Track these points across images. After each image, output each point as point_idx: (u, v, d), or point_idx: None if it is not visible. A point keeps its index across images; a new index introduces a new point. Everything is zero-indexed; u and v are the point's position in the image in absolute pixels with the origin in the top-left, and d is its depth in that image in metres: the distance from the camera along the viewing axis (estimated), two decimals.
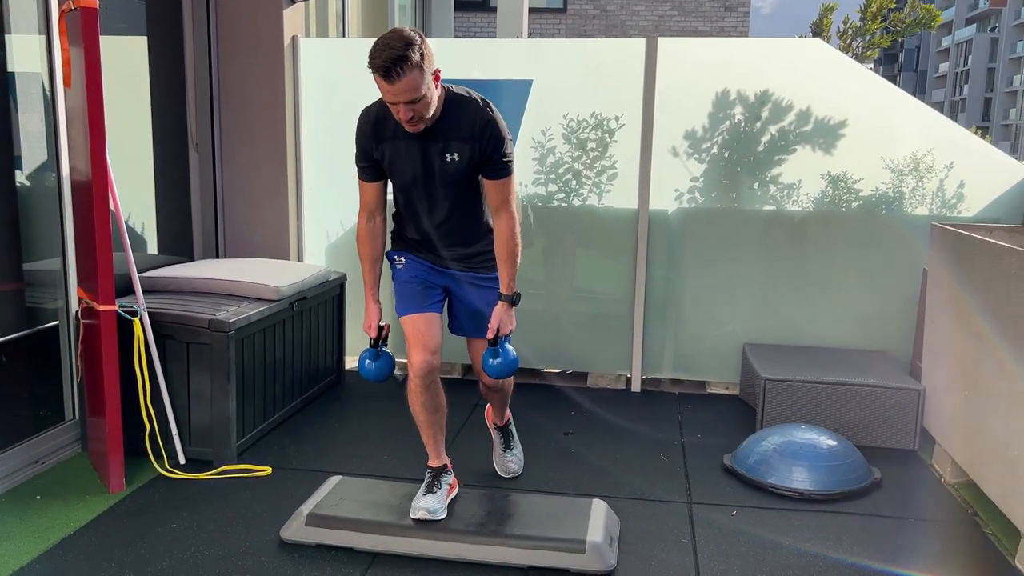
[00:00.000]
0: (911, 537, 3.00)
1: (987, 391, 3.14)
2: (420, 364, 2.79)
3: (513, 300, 2.81)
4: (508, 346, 2.81)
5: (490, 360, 2.81)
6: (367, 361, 2.90)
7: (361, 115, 2.77)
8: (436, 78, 2.52)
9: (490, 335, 2.80)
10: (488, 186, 2.72)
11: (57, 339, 3.60)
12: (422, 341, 2.80)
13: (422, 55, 2.43)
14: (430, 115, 2.56)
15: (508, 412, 3.37)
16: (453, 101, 2.63)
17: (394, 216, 2.95)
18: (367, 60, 2.46)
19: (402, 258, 2.92)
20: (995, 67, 64.10)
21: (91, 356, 3.28)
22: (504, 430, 3.39)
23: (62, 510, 3.06)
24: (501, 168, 2.69)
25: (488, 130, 2.62)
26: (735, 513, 3.17)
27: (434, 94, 2.53)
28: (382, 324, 2.90)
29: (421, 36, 2.47)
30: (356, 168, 2.81)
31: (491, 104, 2.67)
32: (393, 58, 2.38)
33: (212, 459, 3.49)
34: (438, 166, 2.67)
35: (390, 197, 2.90)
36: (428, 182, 2.71)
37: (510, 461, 3.41)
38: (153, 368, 3.42)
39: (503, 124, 2.66)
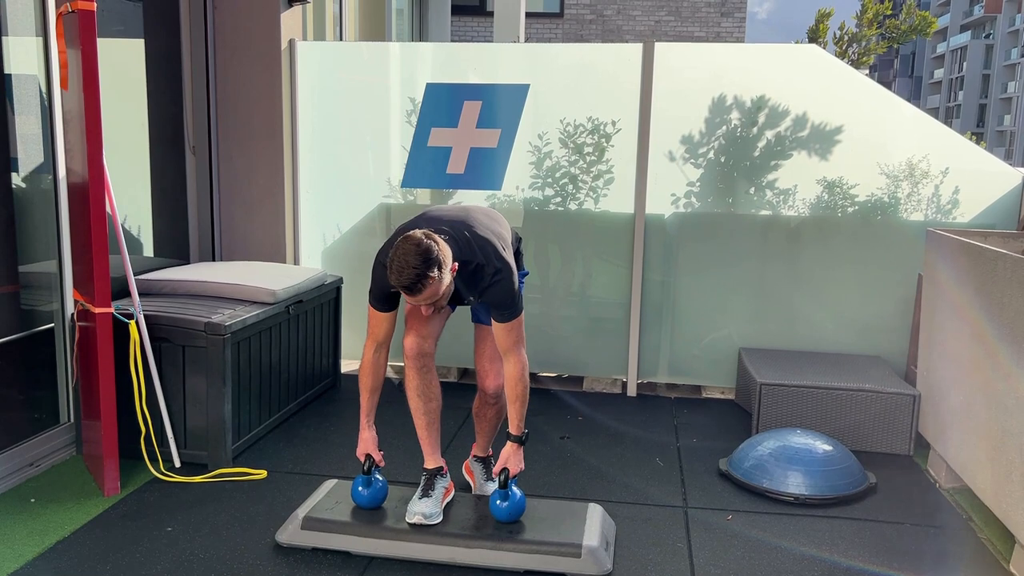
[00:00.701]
0: (906, 542, 3.01)
1: (982, 396, 3.15)
2: (411, 345, 2.86)
3: (522, 441, 2.85)
4: (515, 488, 2.83)
5: (497, 502, 2.82)
6: (360, 487, 2.90)
7: (379, 262, 2.82)
8: (453, 270, 2.62)
9: (496, 471, 2.85)
10: (497, 329, 2.79)
11: (52, 342, 3.59)
12: (416, 324, 2.88)
13: (439, 267, 2.52)
14: (447, 298, 2.69)
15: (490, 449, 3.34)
16: (465, 267, 2.72)
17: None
18: (389, 273, 2.55)
19: None
20: (990, 74, 64.35)
21: (86, 359, 3.27)
22: (487, 460, 3.30)
23: (57, 513, 3.05)
24: (508, 312, 2.75)
25: (496, 286, 2.72)
26: (731, 517, 3.17)
27: (451, 288, 2.65)
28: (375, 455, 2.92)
29: (436, 242, 2.55)
30: (370, 296, 2.87)
31: (498, 253, 2.73)
32: (414, 278, 2.49)
33: (207, 462, 3.48)
34: (459, 303, 2.93)
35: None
36: (449, 309, 2.99)
37: (495, 486, 3.29)
38: (149, 371, 3.41)
39: (511, 274, 2.73)
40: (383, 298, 2.84)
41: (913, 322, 4.29)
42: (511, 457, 2.84)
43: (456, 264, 2.65)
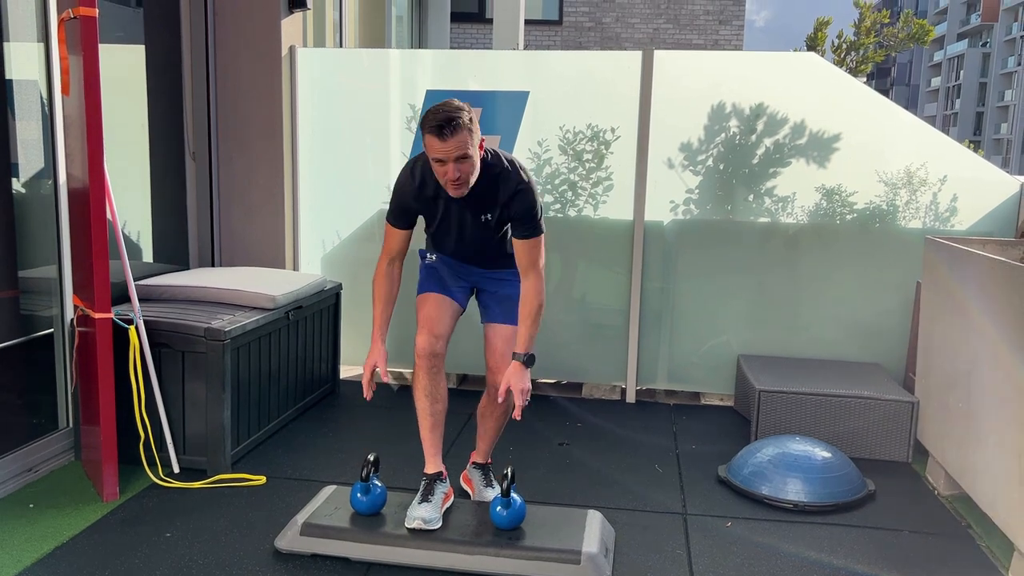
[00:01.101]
0: (905, 550, 3.01)
1: (981, 404, 3.15)
2: (423, 344, 2.85)
3: (527, 361, 2.84)
4: (515, 495, 2.82)
5: (497, 508, 2.81)
6: (358, 494, 2.89)
7: (404, 172, 2.88)
8: (480, 146, 2.69)
9: (500, 396, 2.82)
10: (517, 246, 2.83)
11: (52, 347, 3.59)
12: (429, 324, 2.88)
13: (471, 120, 2.61)
14: (473, 180, 2.69)
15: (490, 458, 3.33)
16: (490, 168, 2.76)
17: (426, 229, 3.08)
18: (419, 124, 2.64)
19: (434, 255, 3.05)
20: (986, 82, 64.58)
21: (86, 364, 3.27)
22: (485, 467, 3.29)
23: (55, 519, 3.05)
24: (530, 229, 2.80)
25: (520, 196, 2.76)
26: (730, 524, 3.17)
27: (478, 159, 2.68)
28: (372, 457, 2.91)
29: (470, 107, 2.66)
30: (388, 211, 2.93)
31: (524, 169, 2.81)
32: (446, 118, 2.56)
33: (206, 468, 3.48)
34: (473, 224, 2.86)
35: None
36: (462, 234, 2.90)
37: (494, 492, 3.25)
38: (148, 376, 3.41)
39: (535, 189, 2.80)
40: (401, 213, 2.89)
41: (912, 329, 4.30)
42: (514, 375, 2.80)
43: (483, 143, 2.71)
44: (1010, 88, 60.88)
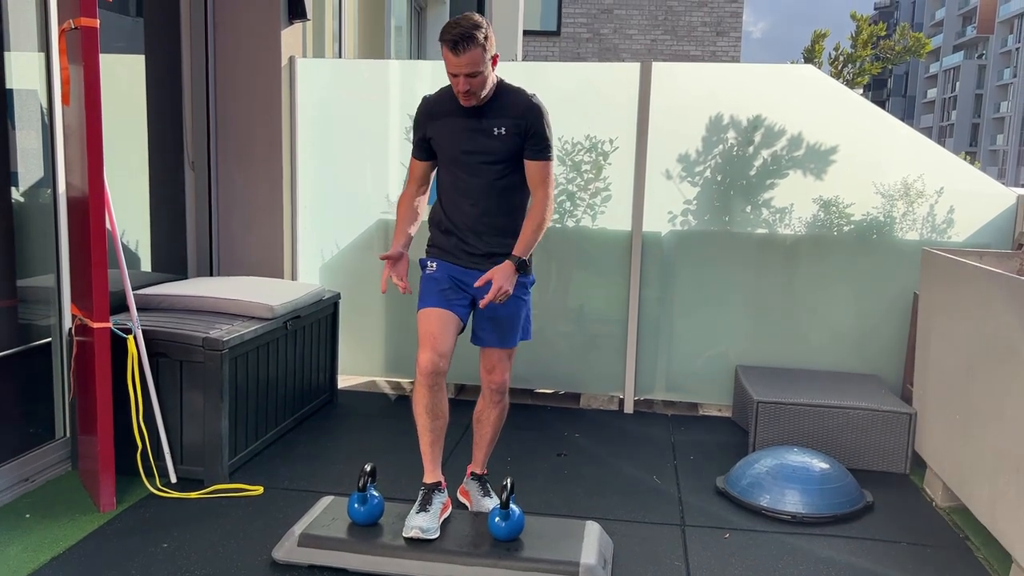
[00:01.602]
0: (903, 561, 3.01)
1: (978, 415, 3.16)
2: (426, 363, 2.83)
3: (519, 265, 2.86)
4: (514, 506, 2.82)
5: (496, 520, 2.80)
6: (356, 504, 2.88)
7: (421, 100, 3.02)
8: (494, 62, 2.82)
9: (480, 282, 2.82)
10: (529, 167, 2.91)
11: (50, 356, 3.59)
12: (432, 341, 2.86)
13: (486, 38, 2.73)
14: (484, 93, 2.81)
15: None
16: (505, 87, 2.91)
17: (431, 218, 3.09)
18: (439, 34, 2.74)
19: (434, 264, 3.04)
20: (982, 93, 64.86)
21: (84, 373, 3.27)
22: (483, 478, 3.27)
23: (52, 529, 3.04)
24: (541, 149, 2.89)
25: (532, 112, 2.86)
26: (728, 536, 3.17)
27: (490, 75, 2.81)
28: (369, 467, 2.90)
29: (487, 23, 2.78)
30: (413, 146, 3.07)
31: (539, 98, 2.92)
32: (461, 34, 2.68)
33: (204, 478, 3.47)
34: (485, 137, 2.89)
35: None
36: (472, 153, 2.90)
37: (492, 502, 3.24)
38: (146, 386, 3.41)
39: (547, 114, 2.90)
40: (420, 141, 3.00)
41: (909, 340, 4.31)
42: (501, 271, 2.81)
43: (498, 78, 2.84)
44: (1006, 100, 61.14)
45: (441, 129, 2.93)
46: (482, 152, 2.88)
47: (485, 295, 2.85)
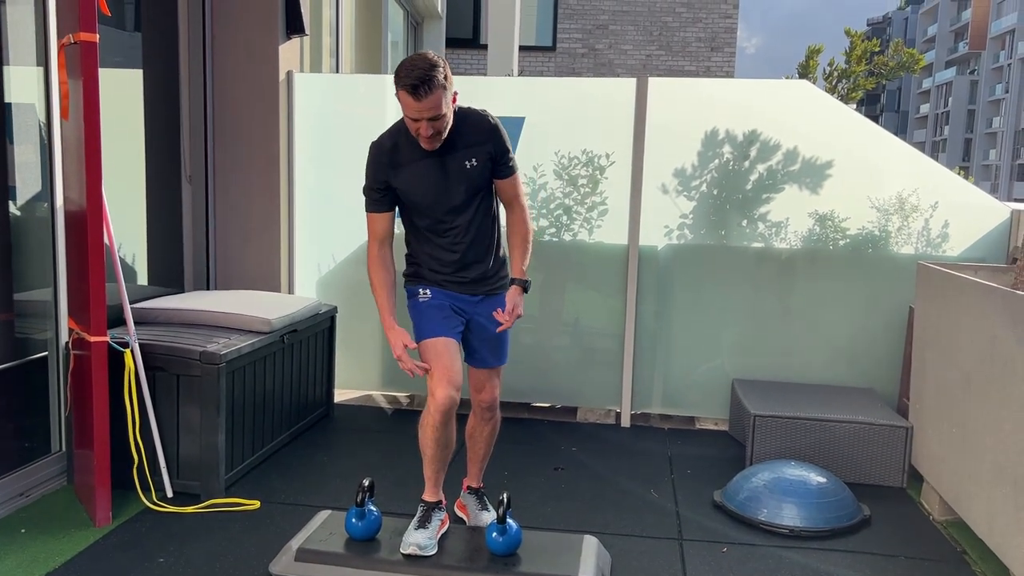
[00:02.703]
0: (901, 575, 3.00)
1: (974, 429, 3.16)
2: (444, 400, 2.74)
3: (525, 286, 2.91)
4: (511, 521, 2.81)
5: (493, 535, 2.79)
6: (353, 519, 2.86)
7: (372, 147, 2.87)
8: (454, 100, 2.72)
9: (505, 316, 2.86)
10: (500, 185, 2.91)
11: (46, 370, 3.58)
12: (448, 375, 2.76)
13: (445, 77, 2.60)
14: (445, 134, 2.71)
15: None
16: (459, 115, 2.79)
17: (407, 256, 3.00)
18: (394, 78, 2.60)
19: (426, 291, 2.94)
20: (975, 109, 65.29)
21: (81, 387, 3.26)
22: (479, 492, 3.25)
23: (47, 544, 3.02)
24: (508, 167, 2.88)
25: (496, 134, 2.83)
26: (725, 550, 3.16)
27: (451, 114, 2.71)
28: (367, 482, 2.90)
29: (444, 60, 2.65)
30: (366, 200, 2.90)
31: (490, 112, 2.89)
32: (421, 77, 2.53)
33: (200, 492, 3.46)
34: (460, 174, 2.80)
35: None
36: (451, 194, 2.81)
37: (490, 515, 3.22)
38: (143, 400, 3.40)
39: (502, 129, 2.87)
40: (377, 194, 2.87)
41: (905, 354, 4.32)
42: (516, 298, 2.88)
43: (455, 97, 2.72)
44: (998, 115, 61.55)
45: (410, 179, 2.79)
46: (461, 191, 2.80)
47: (480, 305, 2.92)
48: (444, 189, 2.80)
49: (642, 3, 15.49)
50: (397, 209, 2.94)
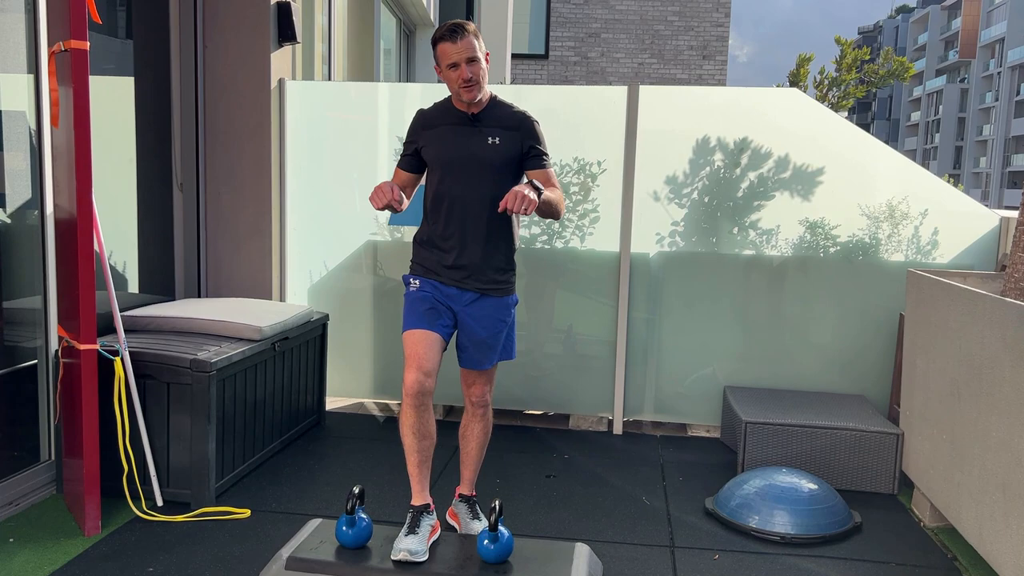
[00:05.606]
0: None
1: (964, 436, 3.17)
2: (411, 383, 2.83)
3: (539, 190, 2.77)
4: (503, 529, 2.79)
5: (485, 542, 2.77)
6: (344, 527, 2.84)
7: (417, 113, 3.10)
8: (486, 59, 2.96)
9: (504, 205, 2.70)
10: (532, 176, 2.98)
11: (35, 378, 3.56)
12: (418, 361, 2.86)
13: (476, 33, 2.90)
14: (483, 89, 2.92)
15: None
16: (497, 100, 3.04)
17: (416, 237, 3.09)
18: (431, 42, 2.91)
19: (417, 281, 3.04)
20: (965, 116, 65.67)
21: (70, 395, 3.24)
22: (471, 500, 3.25)
23: (36, 553, 3.00)
24: (540, 160, 3.00)
25: (527, 124, 2.99)
26: (717, 556, 3.16)
27: (486, 70, 2.95)
28: (357, 489, 2.85)
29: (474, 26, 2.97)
30: (399, 158, 3.11)
31: (532, 113, 3.05)
32: (454, 26, 2.86)
33: (190, 501, 3.45)
34: (481, 144, 2.96)
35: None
36: (468, 164, 2.95)
37: (480, 525, 3.22)
38: (133, 408, 3.38)
39: (540, 127, 3.03)
40: (411, 157, 3.05)
41: (895, 361, 4.33)
42: (522, 187, 2.71)
43: (488, 56, 2.97)
44: (988, 123, 61.93)
45: (435, 137, 2.99)
46: (475, 159, 2.93)
47: (471, 306, 2.97)
48: (464, 146, 2.96)
49: (634, 11, 15.56)
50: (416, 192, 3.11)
